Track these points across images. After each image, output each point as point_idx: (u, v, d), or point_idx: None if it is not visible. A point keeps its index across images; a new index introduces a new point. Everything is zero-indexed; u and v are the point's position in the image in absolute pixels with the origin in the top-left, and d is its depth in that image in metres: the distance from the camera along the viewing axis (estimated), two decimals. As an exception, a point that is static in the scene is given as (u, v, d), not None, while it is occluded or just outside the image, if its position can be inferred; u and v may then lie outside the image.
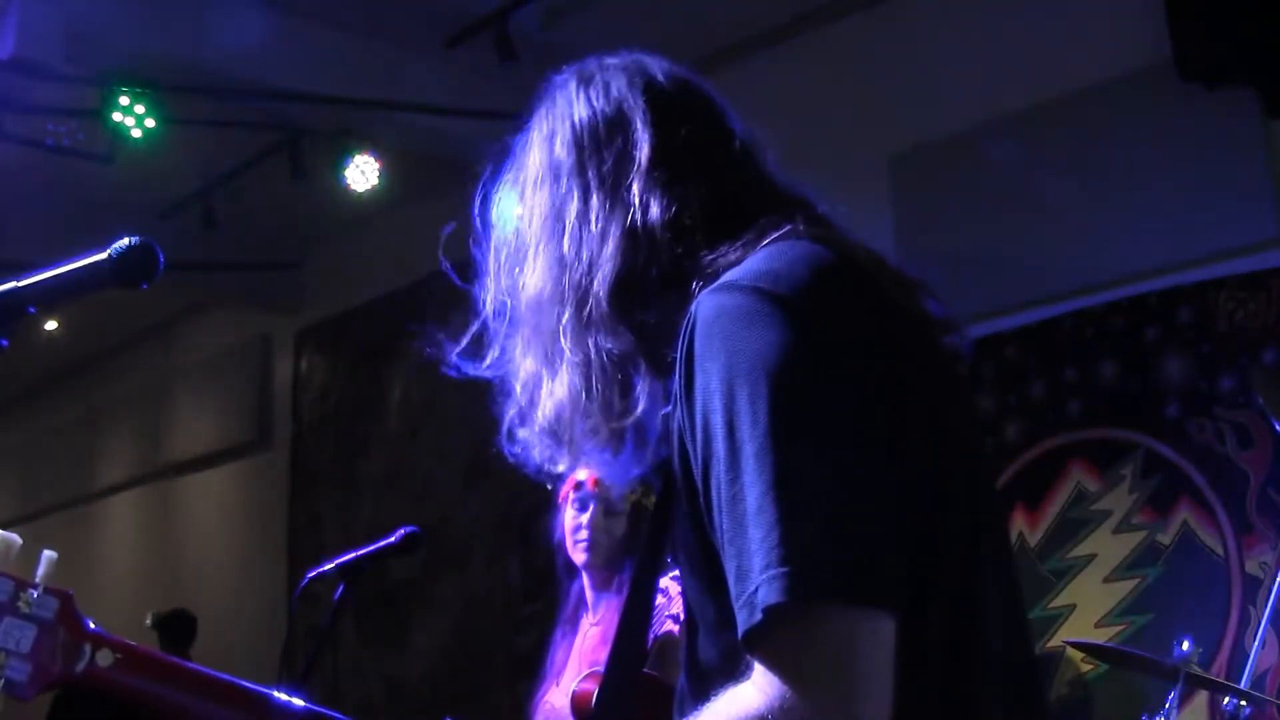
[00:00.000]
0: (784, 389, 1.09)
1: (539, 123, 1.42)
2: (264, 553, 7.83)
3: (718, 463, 1.11)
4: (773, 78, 5.46)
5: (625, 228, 1.30)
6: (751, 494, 1.07)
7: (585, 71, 1.43)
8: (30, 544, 5.07)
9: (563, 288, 1.32)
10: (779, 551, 1.04)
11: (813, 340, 1.13)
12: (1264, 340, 4.03)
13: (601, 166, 1.34)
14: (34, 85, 5.14)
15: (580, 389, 1.29)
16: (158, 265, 1.24)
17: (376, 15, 5.23)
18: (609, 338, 1.29)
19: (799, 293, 1.16)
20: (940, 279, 4.25)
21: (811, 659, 1.04)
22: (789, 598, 1.03)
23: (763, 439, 1.08)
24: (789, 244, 1.25)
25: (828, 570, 1.04)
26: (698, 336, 1.15)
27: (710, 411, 1.12)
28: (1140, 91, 4.34)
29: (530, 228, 1.37)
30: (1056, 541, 4.42)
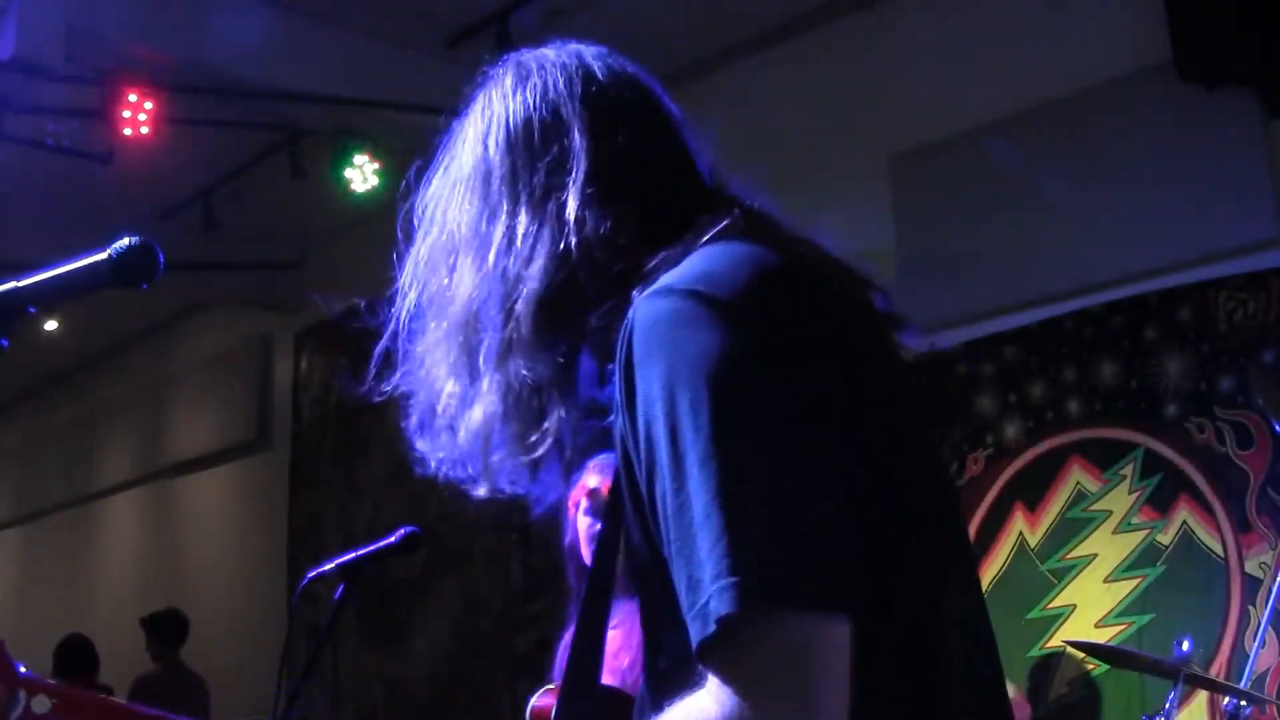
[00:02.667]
0: (726, 393, 1.06)
1: (474, 118, 1.36)
2: (264, 552, 7.83)
3: (662, 471, 1.08)
4: (773, 78, 5.47)
5: (555, 248, 1.25)
6: (698, 502, 1.04)
7: (523, 67, 1.36)
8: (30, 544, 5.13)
9: (486, 307, 1.27)
10: (728, 561, 1.02)
11: (754, 342, 1.10)
12: (1264, 340, 4.03)
13: (534, 177, 1.28)
14: (34, 85, 5.14)
15: (497, 414, 1.25)
16: (158, 265, 1.24)
17: (376, 15, 5.23)
18: (528, 363, 1.24)
19: (738, 294, 1.12)
20: (940, 279, 4.30)
21: (766, 668, 1.02)
22: (740, 608, 1.00)
23: (706, 445, 1.05)
24: (728, 244, 1.21)
25: (779, 577, 1.02)
26: (635, 343, 1.12)
27: (652, 419, 1.09)
28: (1140, 91, 4.34)
29: (457, 236, 1.32)
30: (1056, 541, 4.42)
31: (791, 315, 1.14)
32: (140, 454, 9.26)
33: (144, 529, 9.27)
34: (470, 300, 1.28)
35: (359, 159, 5.86)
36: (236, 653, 7.44)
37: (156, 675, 6.79)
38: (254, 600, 7.77)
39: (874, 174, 5.04)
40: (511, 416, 1.26)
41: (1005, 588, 4.53)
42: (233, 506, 8.42)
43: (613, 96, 1.33)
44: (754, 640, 1.02)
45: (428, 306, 1.33)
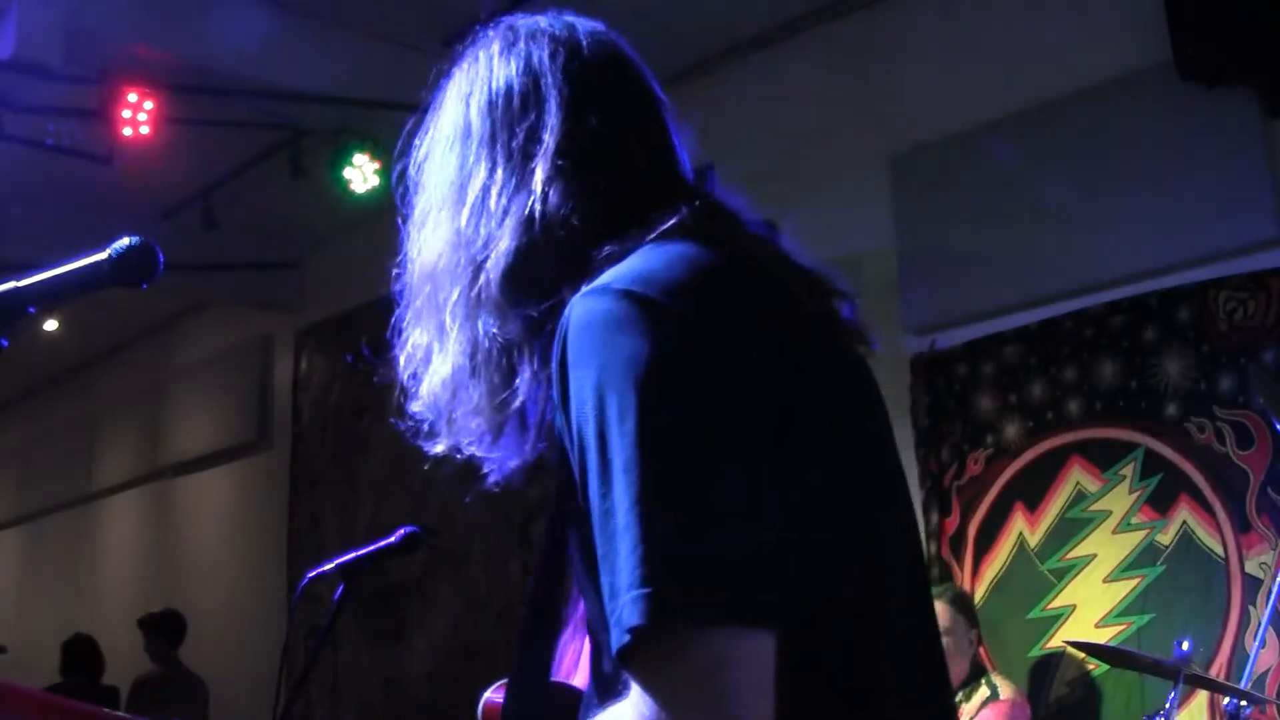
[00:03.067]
0: (653, 399, 1.05)
1: (459, 78, 1.37)
2: (264, 553, 7.83)
3: (591, 475, 1.07)
4: (773, 78, 5.47)
5: (525, 212, 1.25)
6: (620, 509, 1.03)
7: (513, 32, 1.36)
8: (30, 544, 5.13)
9: (457, 262, 1.27)
10: (641, 571, 1.01)
11: (686, 347, 1.08)
12: (1264, 340, 4.03)
13: (511, 141, 1.28)
14: (34, 85, 5.14)
15: (465, 369, 1.26)
16: (158, 265, 1.24)
17: (376, 15, 5.23)
18: (497, 321, 1.24)
19: (674, 296, 1.11)
20: (940, 279, 4.31)
21: (682, 679, 1.01)
22: (649, 620, 1.00)
23: (630, 452, 1.04)
24: (675, 243, 1.19)
25: (692, 590, 1.00)
26: (570, 343, 1.11)
27: (583, 421, 1.08)
28: (1140, 91, 4.34)
29: (435, 192, 1.33)
30: (1056, 541, 4.42)
31: (728, 321, 1.12)
32: (140, 454, 9.26)
33: (144, 529, 9.27)
34: (441, 255, 1.29)
35: (359, 159, 5.86)
36: (236, 653, 7.44)
37: (156, 676, 6.79)
38: (254, 600, 7.77)
39: (874, 174, 5.04)
40: (479, 373, 1.25)
41: (1005, 588, 4.53)
42: (233, 506, 8.42)
43: (595, 76, 1.32)
44: (669, 652, 1.01)
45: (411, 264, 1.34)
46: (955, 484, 4.72)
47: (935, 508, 4.75)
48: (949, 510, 4.72)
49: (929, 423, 4.81)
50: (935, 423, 4.80)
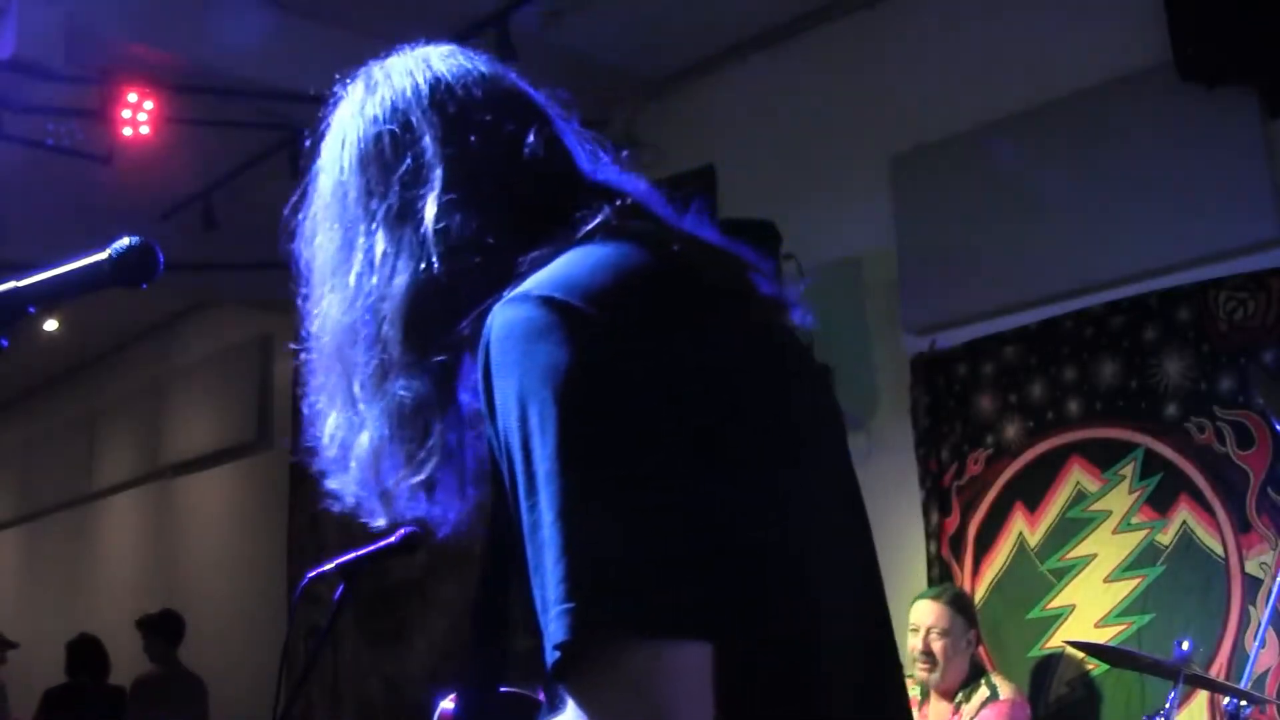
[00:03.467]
0: (573, 408, 1.03)
1: (331, 138, 1.34)
2: (264, 553, 7.83)
3: (519, 487, 1.06)
4: (773, 78, 5.47)
5: (418, 262, 1.21)
6: (545, 521, 1.02)
7: (370, 80, 1.34)
8: (30, 544, 5.13)
9: (355, 330, 1.24)
10: (565, 586, 1.00)
11: (607, 353, 1.06)
12: (1264, 340, 4.03)
13: (388, 192, 1.25)
14: (34, 85, 5.14)
15: (385, 437, 1.23)
16: (158, 265, 1.24)
17: (377, 15, 5.23)
18: (405, 382, 1.22)
19: (595, 300, 1.08)
20: (940, 279, 4.31)
21: (613, 694, 1.00)
22: (572, 636, 0.99)
23: (552, 463, 1.02)
24: (596, 245, 1.18)
25: (617, 603, 1.00)
26: (492, 353, 1.09)
27: (509, 432, 1.07)
28: (1140, 91, 4.34)
29: (323, 265, 1.30)
30: (1056, 541, 4.42)
31: (652, 322, 1.11)
32: (140, 454, 9.26)
33: (144, 529, 9.27)
34: (339, 328, 1.26)
35: (359, 159, 5.84)
36: (236, 653, 7.44)
37: (155, 676, 6.80)
38: (254, 600, 7.77)
39: (874, 174, 5.04)
40: (398, 438, 1.23)
41: (1005, 588, 4.53)
42: (233, 506, 8.42)
43: (463, 98, 1.29)
44: (598, 667, 1.00)
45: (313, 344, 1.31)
46: (955, 484, 4.72)
47: (935, 508, 4.75)
48: (949, 510, 4.72)
49: (929, 423, 4.81)
50: (935, 423, 4.80)
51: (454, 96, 1.29)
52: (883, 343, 5.05)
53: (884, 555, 1.25)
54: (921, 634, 4.06)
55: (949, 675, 4.04)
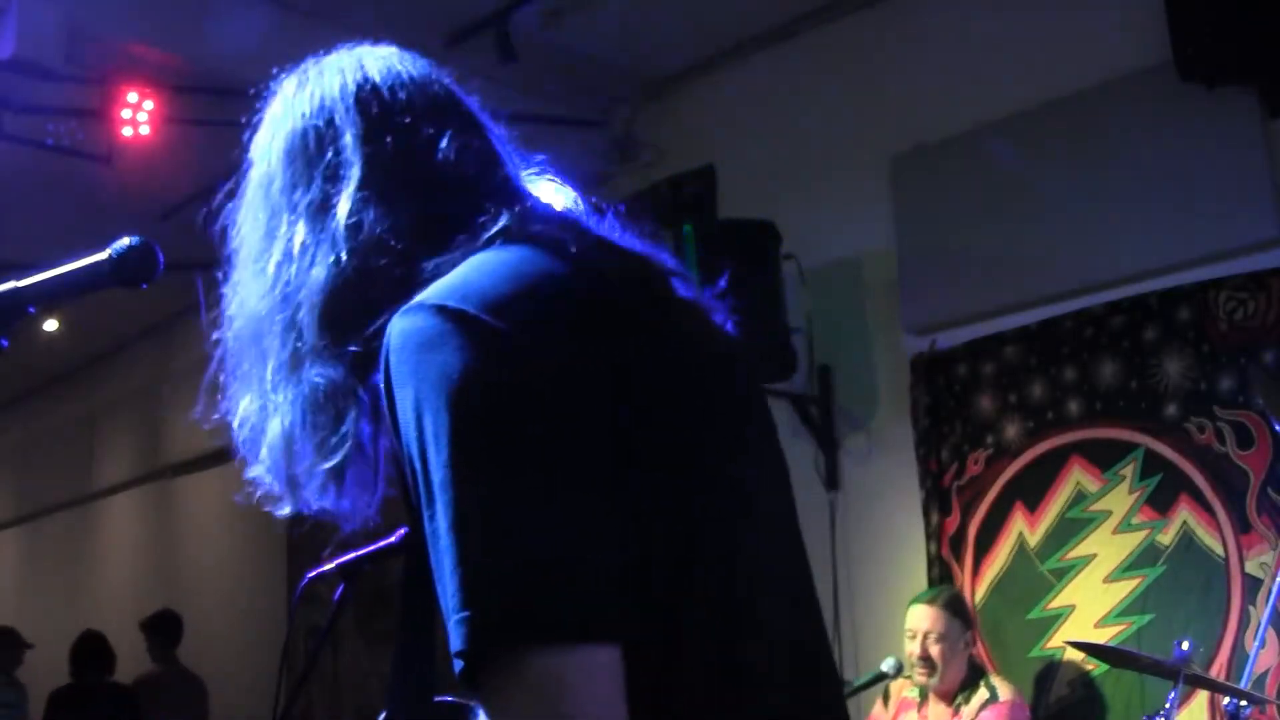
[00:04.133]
0: (466, 417, 1.04)
1: (261, 130, 1.36)
2: (264, 552, 7.83)
3: (420, 497, 1.07)
4: (773, 78, 5.47)
5: (334, 253, 1.23)
6: (442, 530, 1.03)
7: (304, 75, 1.36)
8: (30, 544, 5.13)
9: (272, 319, 1.26)
10: (461, 595, 1.01)
11: (502, 360, 1.07)
12: (1264, 340, 4.03)
13: (310, 185, 1.27)
14: (34, 85, 5.13)
15: (297, 424, 1.24)
16: (158, 265, 1.24)
17: (376, 15, 5.23)
18: (319, 368, 1.22)
19: (490, 307, 1.09)
20: (940, 279, 4.31)
21: (519, 700, 1.00)
22: (469, 645, 1.00)
23: (445, 472, 1.03)
24: (499, 250, 1.19)
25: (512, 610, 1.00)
26: (390, 363, 1.10)
27: (409, 443, 1.08)
28: (1140, 91, 4.34)
29: (247, 251, 1.32)
30: (1056, 541, 4.41)
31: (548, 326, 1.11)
32: (140, 454, 9.25)
33: (144, 529, 9.27)
34: (257, 315, 1.28)
35: (359, 159, 5.84)
36: (236, 653, 7.44)
37: (156, 675, 6.80)
38: (254, 600, 7.77)
39: (874, 174, 5.04)
40: (310, 424, 1.23)
41: (1005, 588, 4.53)
42: (233, 506, 8.36)
43: (388, 99, 1.31)
44: (501, 674, 1.01)
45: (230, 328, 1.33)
46: (955, 484, 4.72)
47: (935, 508, 4.75)
48: (949, 510, 4.72)
49: (929, 423, 4.81)
50: (935, 423, 4.80)
51: (379, 97, 1.31)
52: (883, 343, 5.05)
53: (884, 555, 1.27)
54: (919, 639, 4.05)
55: (947, 678, 4.03)
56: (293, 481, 1.26)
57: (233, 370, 1.33)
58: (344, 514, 1.29)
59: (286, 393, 1.25)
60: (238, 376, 1.32)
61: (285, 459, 1.25)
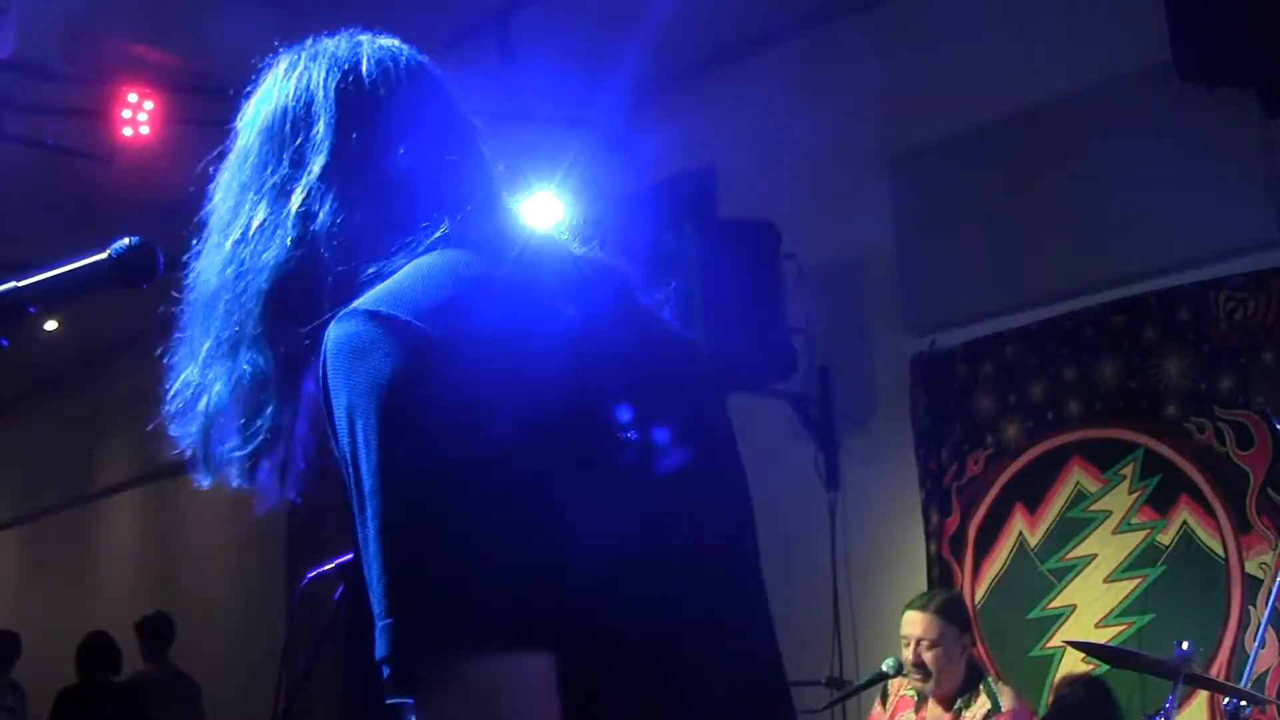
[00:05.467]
0: (394, 424, 1.03)
1: (249, 105, 1.37)
2: (264, 553, 7.83)
3: (352, 501, 1.08)
4: (773, 78, 5.47)
5: (285, 242, 1.23)
6: (371, 536, 1.04)
7: (298, 55, 1.37)
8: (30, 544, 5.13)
9: (220, 294, 1.26)
10: (385, 602, 1.01)
11: (429, 367, 1.06)
12: (1264, 340, 4.03)
13: (278, 166, 1.27)
14: (34, 85, 5.14)
15: (225, 403, 1.25)
16: (158, 265, 1.24)
17: (376, 15, 5.23)
18: (251, 358, 1.23)
19: (423, 313, 1.08)
20: (940, 279, 4.31)
21: (445, 706, 1.00)
22: (391, 651, 1.00)
23: (373, 479, 1.04)
24: (438, 255, 1.18)
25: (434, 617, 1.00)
26: (327, 369, 1.10)
27: (343, 449, 1.09)
28: (1140, 91, 4.34)
29: (215, 221, 1.32)
30: (1056, 542, 4.41)
31: (481, 334, 1.09)
32: (140, 454, 9.25)
33: (144, 529, 9.27)
34: (209, 288, 1.29)
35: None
36: (237, 653, 7.44)
37: (148, 675, 6.84)
38: (254, 600, 7.77)
39: (874, 174, 5.04)
40: (233, 409, 1.25)
41: (1005, 588, 4.53)
42: (232, 506, 8.38)
43: (369, 95, 1.30)
44: (426, 682, 1.01)
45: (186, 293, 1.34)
46: (955, 484, 4.72)
47: (935, 508, 4.75)
48: (949, 510, 4.72)
49: (929, 423, 4.81)
50: (935, 423, 4.80)
51: (360, 91, 1.30)
52: (883, 343, 5.04)
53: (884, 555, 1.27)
54: (912, 646, 3.99)
55: (944, 683, 3.98)
56: (209, 459, 1.28)
57: (180, 337, 1.34)
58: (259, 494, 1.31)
59: (219, 373, 1.25)
60: (184, 344, 1.33)
61: (205, 437, 1.27)
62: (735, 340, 4.61)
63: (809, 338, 5.03)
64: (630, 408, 1.15)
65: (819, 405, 5.12)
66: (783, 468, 5.17)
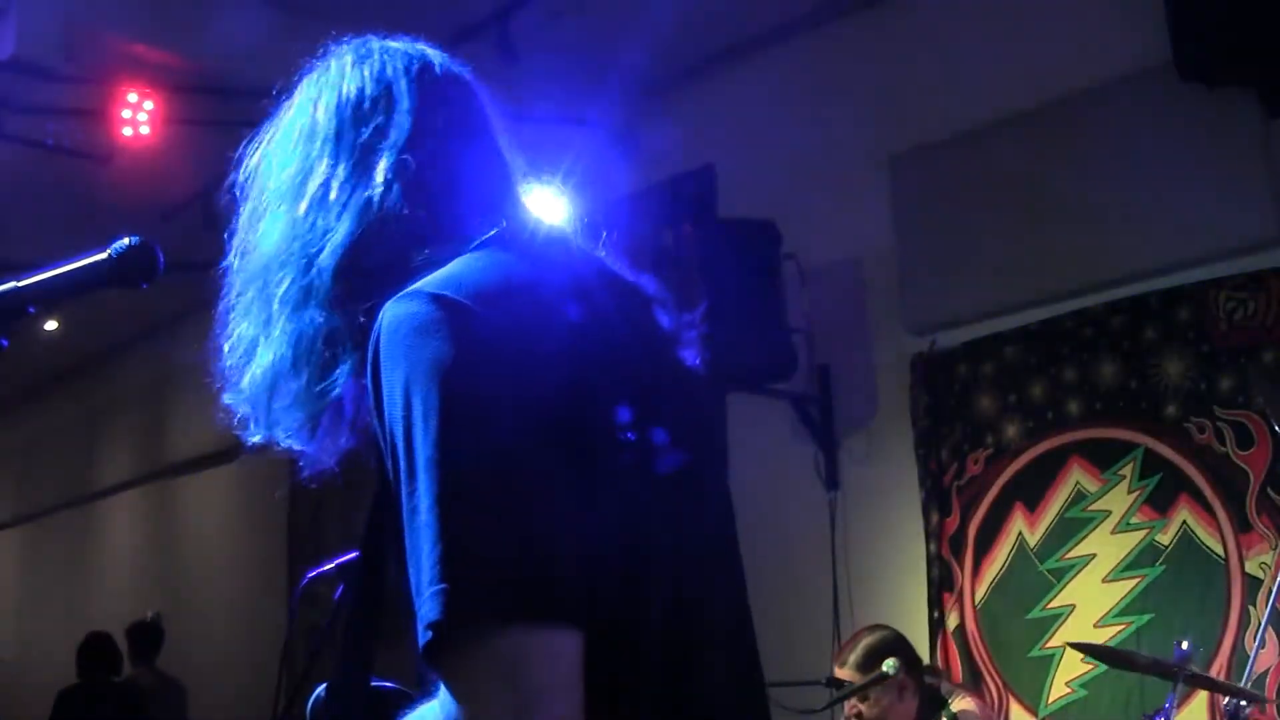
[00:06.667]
0: (455, 400, 1.08)
1: (307, 86, 1.42)
2: (264, 552, 7.83)
3: (401, 474, 1.10)
4: (773, 78, 5.47)
5: (364, 205, 1.28)
6: (423, 506, 1.07)
7: (365, 48, 1.43)
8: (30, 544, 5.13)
9: (291, 254, 1.30)
10: (440, 569, 1.04)
11: (491, 350, 1.12)
12: (1264, 340, 4.03)
13: (357, 139, 1.32)
14: (34, 85, 5.14)
15: (287, 360, 1.28)
16: (158, 265, 1.24)
17: (376, 15, 5.22)
18: (323, 313, 1.27)
19: (483, 301, 1.14)
20: (940, 279, 4.31)
21: (482, 675, 1.03)
22: (444, 615, 1.03)
23: (432, 451, 1.07)
24: (486, 253, 1.24)
25: (488, 587, 1.04)
26: (382, 346, 1.14)
27: (394, 421, 1.12)
28: (1140, 91, 4.34)
29: (276, 185, 1.36)
30: (1056, 541, 4.41)
31: (535, 329, 1.16)
32: (140, 454, 9.25)
33: (144, 529, 9.27)
34: (280, 246, 1.31)
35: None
36: (237, 652, 7.44)
37: (140, 676, 6.87)
38: (254, 600, 7.77)
39: (874, 174, 5.04)
40: (300, 364, 1.28)
41: (1005, 588, 4.53)
42: (233, 506, 8.41)
43: (442, 90, 1.38)
44: (468, 648, 1.04)
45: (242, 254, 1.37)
46: (955, 484, 4.72)
47: (935, 508, 4.75)
48: (949, 510, 4.72)
49: (929, 423, 4.81)
50: (935, 423, 4.80)
51: (436, 85, 1.38)
52: (883, 343, 5.04)
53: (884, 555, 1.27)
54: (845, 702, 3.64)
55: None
56: (269, 415, 1.31)
57: (237, 297, 1.36)
58: (308, 457, 1.35)
59: (286, 326, 1.28)
60: (240, 304, 1.35)
61: (267, 392, 1.30)
62: (735, 340, 4.61)
63: (809, 338, 5.03)
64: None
65: (819, 405, 5.12)
66: (783, 468, 5.18)
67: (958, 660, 4.60)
